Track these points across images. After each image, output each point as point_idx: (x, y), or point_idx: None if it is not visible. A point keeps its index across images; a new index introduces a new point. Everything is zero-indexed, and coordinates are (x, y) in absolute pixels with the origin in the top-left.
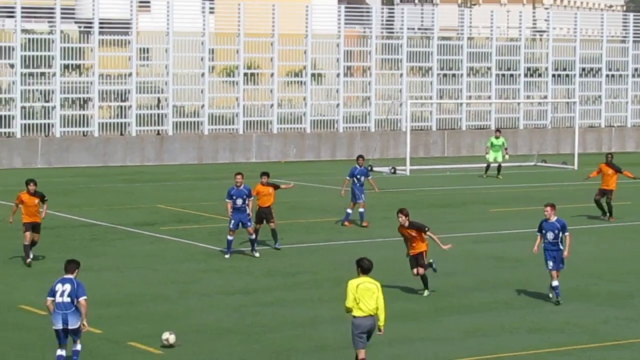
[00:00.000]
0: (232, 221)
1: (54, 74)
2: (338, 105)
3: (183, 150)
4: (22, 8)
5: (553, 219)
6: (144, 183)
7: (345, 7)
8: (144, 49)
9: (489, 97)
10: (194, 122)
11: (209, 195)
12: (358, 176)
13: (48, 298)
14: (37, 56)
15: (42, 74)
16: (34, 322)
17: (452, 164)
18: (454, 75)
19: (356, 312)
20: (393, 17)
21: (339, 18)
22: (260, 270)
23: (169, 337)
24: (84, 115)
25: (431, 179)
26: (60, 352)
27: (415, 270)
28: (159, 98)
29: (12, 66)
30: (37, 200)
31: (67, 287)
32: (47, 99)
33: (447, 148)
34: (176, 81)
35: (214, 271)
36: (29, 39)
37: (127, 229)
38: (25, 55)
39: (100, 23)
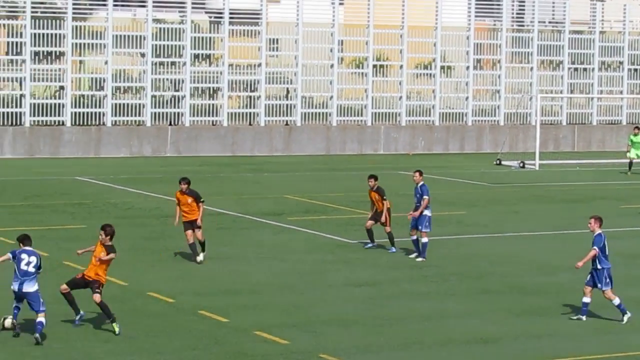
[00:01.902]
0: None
1: (184, 64)
2: (467, 98)
3: (311, 141)
4: None
5: (597, 231)
6: (271, 173)
7: (476, 0)
8: (273, 39)
9: (621, 92)
10: (323, 113)
11: (336, 186)
12: None
13: (9, 254)
14: (167, 45)
15: (173, 63)
16: (161, 309)
17: (582, 159)
18: (585, 69)
19: None
20: (524, 10)
21: (469, 10)
22: (387, 263)
23: (5, 321)
24: (213, 104)
25: (560, 173)
26: (17, 303)
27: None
28: (287, 89)
29: (143, 55)
30: (190, 199)
31: (33, 259)
32: (177, 88)
33: (577, 143)
34: (305, 72)
35: (340, 262)
36: (160, 28)
37: (255, 219)
38: (156, 45)
39: (230, 13)
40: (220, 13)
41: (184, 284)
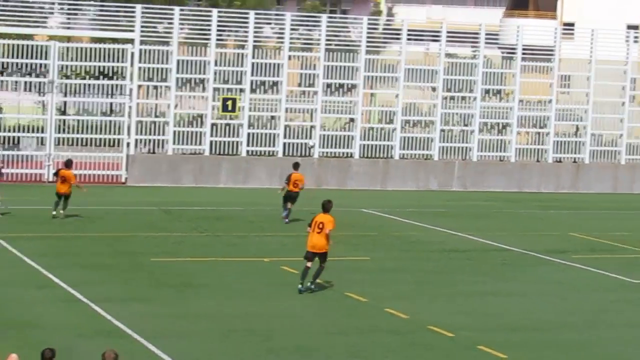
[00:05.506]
0: None
1: (475, 99)
2: None
3: (598, 179)
4: (448, 32)
5: None
6: (557, 210)
7: None
8: (565, 76)
9: None
10: (611, 151)
11: (623, 225)
12: None
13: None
14: (458, 80)
15: (463, 98)
16: (440, 343)
17: None
18: None
19: None
20: None
21: None
22: None
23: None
24: (501, 140)
25: None
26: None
27: None
28: (577, 126)
29: (434, 89)
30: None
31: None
32: (466, 123)
33: None
34: (596, 109)
35: (624, 302)
36: (452, 62)
37: (539, 256)
38: (447, 79)
39: (523, 49)
40: (513, 49)
41: (465, 318)
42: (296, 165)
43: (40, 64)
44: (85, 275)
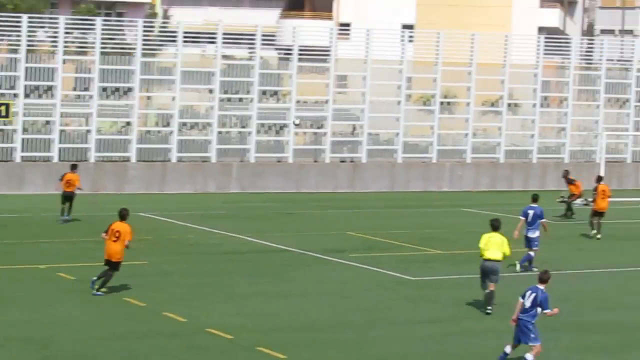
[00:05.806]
0: None
1: (252, 100)
2: (533, 135)
3: (376, 178)
4: (224, 34)
5: None
6: (335, 210)
7: (545, 38)
8: (341, 76)
9: None
10: (388, 150)
11: (400, 223)
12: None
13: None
14: (235, 82)
15: (240, 99)
16: (219, 345)
17: None
18: None
19: None
20: (592, 48)
21: (538, 48)
22: (448, 300)
23: None
24: (279, 141)
25: (622, 211)
26: None
27: None
28: (354, 125)
29: (211, 91)
30: None
31: None
32: (243, 124)
33: None
34: (372, 109)
35: (402, 299)
36: (229, 64)
37: (317, 255)
38: (224, 81)
39: (299, 50)
40: (290, 49)
41: (243, 320)
42: (73, 167)
43: None
44: None
